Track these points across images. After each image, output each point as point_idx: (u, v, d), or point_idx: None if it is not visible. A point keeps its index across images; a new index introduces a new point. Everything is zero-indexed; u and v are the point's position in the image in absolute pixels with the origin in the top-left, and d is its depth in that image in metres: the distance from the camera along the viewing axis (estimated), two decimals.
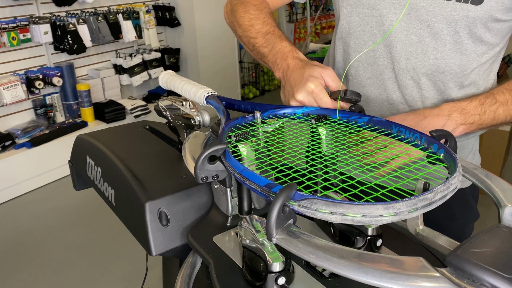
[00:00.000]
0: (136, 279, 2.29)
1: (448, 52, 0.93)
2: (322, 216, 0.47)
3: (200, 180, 0.61)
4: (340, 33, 1.05)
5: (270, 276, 0.60)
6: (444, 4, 0.88)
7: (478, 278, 0.42)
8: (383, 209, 0.46)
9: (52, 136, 3.42)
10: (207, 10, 4.42)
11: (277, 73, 0.92)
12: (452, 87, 0.96)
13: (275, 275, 0.60)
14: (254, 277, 0.62)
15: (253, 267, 0.61)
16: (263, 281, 0.61)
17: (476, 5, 0.86)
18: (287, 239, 0.49)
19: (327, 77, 0.81)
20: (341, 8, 1.02)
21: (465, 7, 0.87)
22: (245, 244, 0.63)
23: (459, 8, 0.87)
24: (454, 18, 0.88)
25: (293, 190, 0.49)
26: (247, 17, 1.02)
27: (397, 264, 0.43)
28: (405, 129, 0.67)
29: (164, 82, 0.93)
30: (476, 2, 0.86)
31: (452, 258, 0.44)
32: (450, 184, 0.50)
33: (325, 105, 0.78)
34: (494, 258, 0.43)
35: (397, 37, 0.94)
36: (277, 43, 0.93)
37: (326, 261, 0.45)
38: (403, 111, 1.00)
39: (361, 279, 0.43)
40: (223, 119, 0.73)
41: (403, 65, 0.96)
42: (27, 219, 2.95)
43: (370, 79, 1.02)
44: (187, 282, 0.75)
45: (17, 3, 3.31)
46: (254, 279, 0.62)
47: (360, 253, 0.45)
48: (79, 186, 1.15)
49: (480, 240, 0.46)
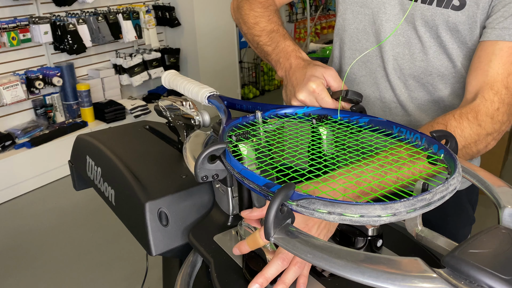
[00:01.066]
0: (136, 279, 2.29)
1: (434, 55, 0.92)
2: (320, 216, 0.47)
3: (200, 179, 0.61)
4: (337, 30, 1.06)
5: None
6: (425, 8, 0.88)
7: (475, 279, 0.41)
8: (381, 209, 0.46)
9: (52, 136, 3.42)
10: (207, 10, 4.42)
11: (279, 72, 0.92)
12: (442, 89, 0.96)
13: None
14: (253, 276, 0.62)
15: (252, 266, 0.62)
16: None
17: (456, 10, 0.85)
18: (285, 238, 0.49)
19: (329, 77, 0.81)
20: (338, 5, 1.04)
21: (445, 12, 0.86)
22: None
23: (439, 13, 0.87)
24: (435, 22, 0.88)
25: (291, 190, 0.49)
26: (252, 15, 1.02)
27: (394, 265, 0.44)
28: (405, 130, 0.67)
29: (167, 82, 0.93)
30: (457, 8, 0.85)
31: (449, 259, 0.44)
32: (449, 184, 0.50)
33: (326, 105, 0.78)
34: (491, 259, 0.43)
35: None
36: (281, 42, 0.94)
37: (323, 261, 0.45)
38: (395, 110, 1.01)
39: (358, 279, 0.43)
40: (224, 118, 0.73)
41: (391, 65, 0.96)
42: (27, 219, 2.95)
43: (364, 77, 1.02)
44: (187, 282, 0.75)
45: (17, 3, 3.31)
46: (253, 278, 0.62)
47: (357, 253, 0.46)
48: (79, 186, 1.15)
49: (478, 241, 0.46)
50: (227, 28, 4.68)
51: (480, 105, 0.79)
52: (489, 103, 0.79)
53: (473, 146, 0.79)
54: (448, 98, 0.96)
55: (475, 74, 0.83)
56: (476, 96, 0.81)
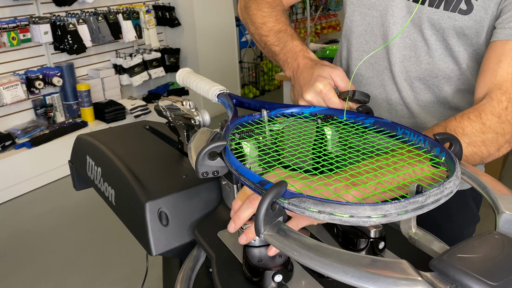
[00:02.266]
0: (136, 279, 2.29)
1: (440, 57, 0.92)
2: (311, 215, 0.48)
3: (200, 175, 0.62)
4: (345, 31, 1.06)
5: (267, 272, 0.61)
6: (432, 11, 0.87)
7: (461, 284, 0.41)
8: (371, 210, 0.46)
9: (52, 136, 3.42)
10: (207, 10, 4.42)
11: (287, 72, 0.92)
12: (448, 91, 0.95)
13: (272, 272, 0.61)
14: (252, 272, 0.62)
15: (251, 263, 0.62)
16: (260, 277, 0.61)
17: (463, 14, 0.85)
18: (274, 236, 0.49)
19: (337, 77, 0.81)
20: (346, 6, 1.03)
21: (452, 16, 0.86)
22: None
23: (446, 16, 0.86)
24: (441, 25, 0.88)
25: (283, 188, 0.49)
26: (260, 15, 1.02)
27: (379, 266, 0.43)
28: (410, 131, 0.67)
29: (181, 79, 0.95)
30: (464, 12, 0.85)
31: (437, 262, 0.43)
32: (444, 188, 0.50)
33: (333, 105, 0.78)
34: (480, 264, 0.42)
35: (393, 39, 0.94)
36: (289, 42, 0.93)
37: (309, 259, 0.45)
38: (401, 112, 1.01)
39: (342, 279, 0.43)
40: (230, 116, 0.73)
41: (397, 67, 0.96)
42: (27, 219, 2.95)
43: (371, 78, 1.02)
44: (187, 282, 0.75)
45: (17, 3, 3.31)
46: (252, 274, 0.62)
47: (343, 252, 0.45)
48: (79, 186, 1.15)
49: (469, 246, 0.45)
50: (227, 28, 4.68)
51: (485, 105, 0.77)
52: (495, 102, 0.76)
53: (482, 146, 0.76)
54: (454, 100, 0.96)
55: (484, 76, 0.80)
56: (484, 98, 0.79)
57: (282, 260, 0.62)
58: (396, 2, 0.92)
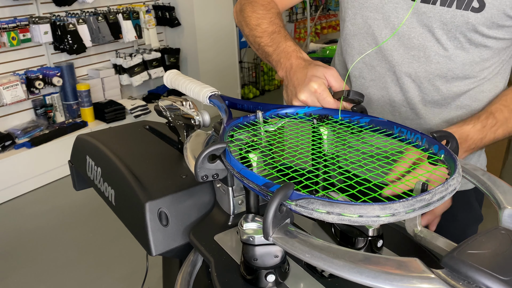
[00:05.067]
0: (136, 279, 2.29)
1: (450, 57, 0.92)
2: (319, 216, 0.47)
3: (200, 179, 0.61)
4: (345, 35, 1.05)
5: (260, 272, 0.61)
6: (444, 10, 0.87)
7: (473, 280, 0.41)
8: (380, 209, 0.46)
9: (52, 136, 3.42)
10: (207, 10, 4.42)
11: (280, 73, 0.92)
12: (456, 91, 0.96)
13: (265, 272, 0.60)
14: (247, 271, 0.62)
15: (246, 262, 0.62)
16: (254, 275, 0.61)
17: (476, 12, 0.85)
18: (284, 238, 0.49)
19: (330, 77, 0.80)
20: (347, 10, 1.03)
21: (465, 14, 0.86)
22: (243, 239, 0.64)
23: (459, 15, 0.86)
24: (454, 24, 0.88)
25: (290, 190, 0.49)
26: (254, 17, 1.02)
27: (392, 265, 0.43)
28: (406, 130, 0.67)
29: (169, 81, 0.94)
30: (477, 10, 0.85)
31: (448, 259, 0.44)
32: (448, 185, 0.50)
33: (327, 105, 0.78)
34: (490, 260, 0.43)
35: (399, 40, 0.94)
36: (282, 42, 0.93)
37: (322, 261, 0.45)
38: (404, 113, 1.00)
39: (356, 279, 0.43)
40: (225, 118, 0.73)
41: (404, 68, 0.96)
42: (27, 219, 2.95)
43: (373, 81, 1.02)
44: (187, 282, 0.75)
45: (17, 3, 3.31)
46: (247, 273, 0.62)
47: (356, 253, 0.45)
48: (79, 186, 1.15)
49: (477, 242, 0.46)
50: (227, 28, 4.68)
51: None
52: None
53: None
54: (461, 99, 0.97)
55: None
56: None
57: (278, 260, 0.62)
58: (401, 4, 0.92)
